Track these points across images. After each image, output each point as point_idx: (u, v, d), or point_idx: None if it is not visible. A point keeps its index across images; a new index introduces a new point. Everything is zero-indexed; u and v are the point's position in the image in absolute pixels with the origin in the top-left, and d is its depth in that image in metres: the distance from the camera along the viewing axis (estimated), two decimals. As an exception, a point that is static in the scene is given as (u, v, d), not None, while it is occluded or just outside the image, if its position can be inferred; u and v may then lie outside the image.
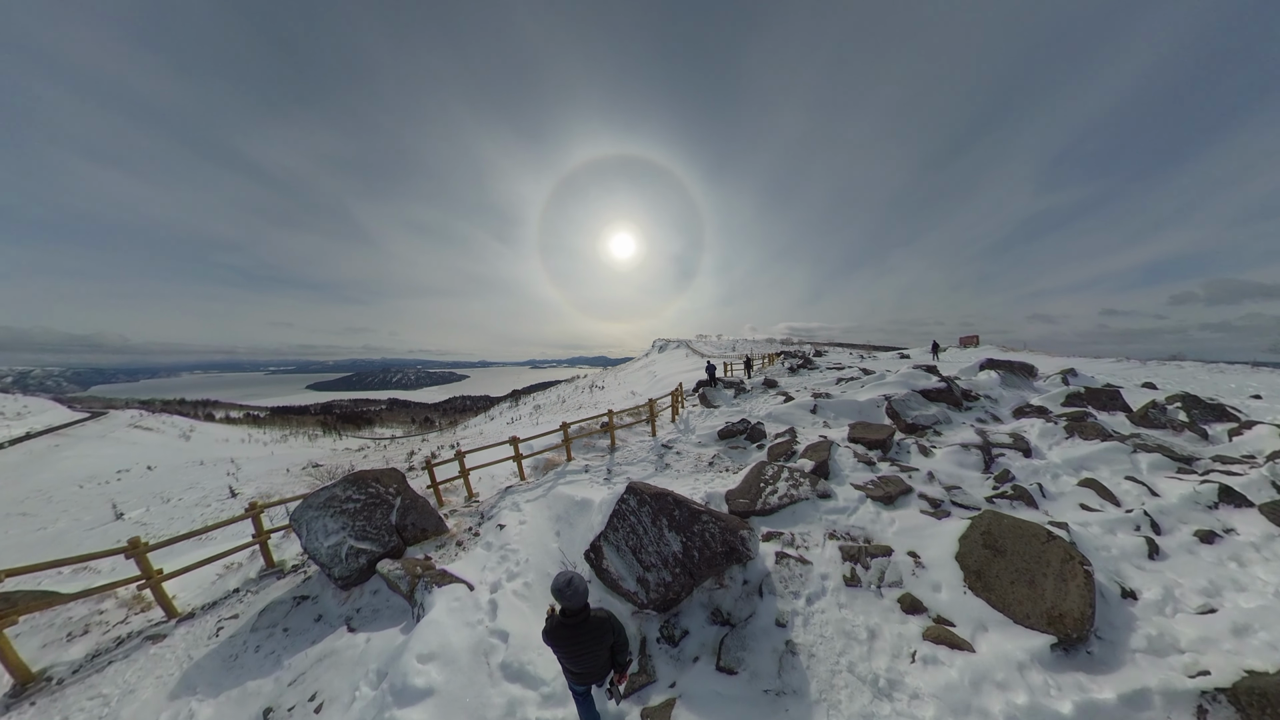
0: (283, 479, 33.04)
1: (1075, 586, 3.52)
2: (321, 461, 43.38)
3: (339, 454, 52.99)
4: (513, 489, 8.40)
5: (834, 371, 17.54)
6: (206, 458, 44.89)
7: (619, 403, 51.57)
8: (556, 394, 78.18)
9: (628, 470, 8.86)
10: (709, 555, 4.45)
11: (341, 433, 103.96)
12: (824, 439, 8.10)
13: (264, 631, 5.71)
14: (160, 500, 27.13)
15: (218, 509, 25.56)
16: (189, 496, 28.26)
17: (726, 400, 13.87)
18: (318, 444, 77.95)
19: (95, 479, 32.75)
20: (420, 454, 41.37)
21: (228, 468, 38.32)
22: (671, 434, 10.89)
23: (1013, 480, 6.11)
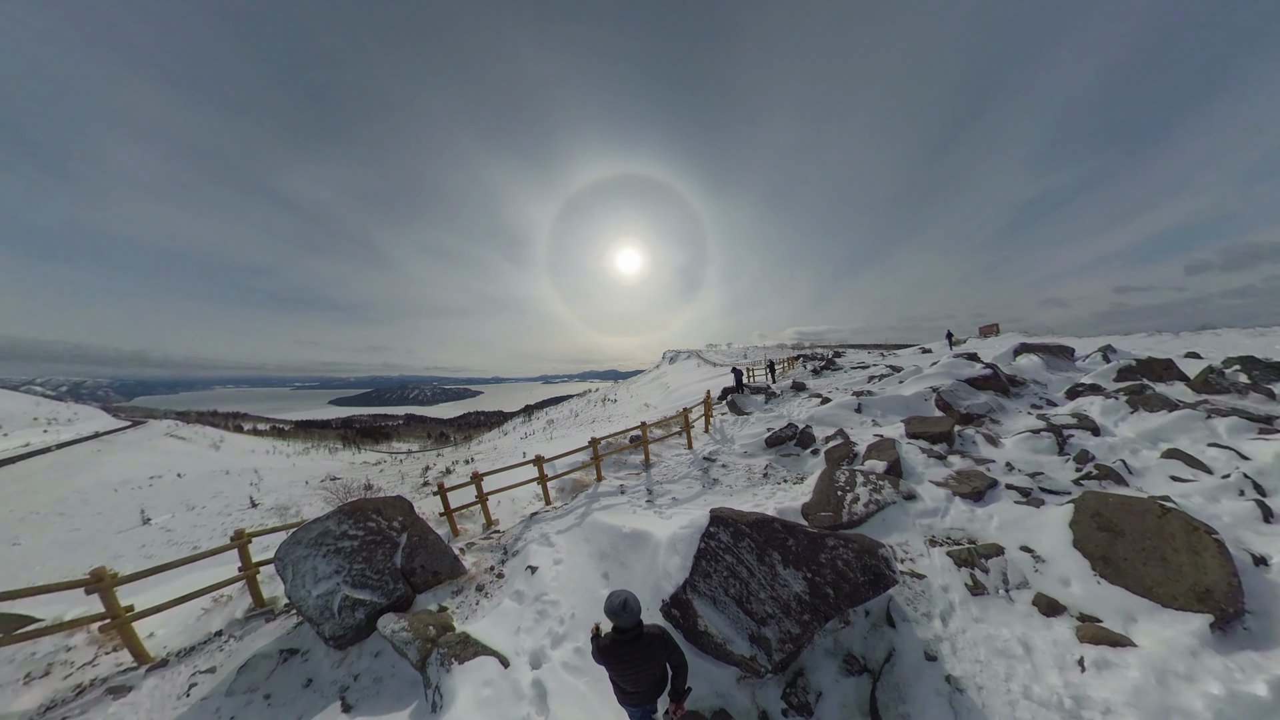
0: (301, 491, 32.27)
1: (1210, 558, 3.23)
2: (339, 475, 42.62)
3: (356, 467, 52.34)
4: (539, 516, 7.12)
5: (860, 371, 16.93)
6: (233, 468, 44.90)
7: (633, 415, 50.18)
8: (569, 408, 77.03)
9: (670, 490, 7.56)
10: (848, 589, 3.40)
11: (360, 446, 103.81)
12: (882, 437, 7.49)
13: (241, 697, 4.47)
14: (186, 507, 27.07)
15: (238, 518, 24.89)
16: (213, 505, 28.08)
17: (758, 406, 12.79)
18: (337, 457, 77.69)
19: (130, 484, 33.05)
20: (435, 468, 40.46)
21: (251, 478, 38.01)
22: (709, 445, 9.64)
23: (1093, 460, 5.77)
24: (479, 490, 6.96)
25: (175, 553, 19.76)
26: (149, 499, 28.83)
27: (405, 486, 32.95)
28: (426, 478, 35.42)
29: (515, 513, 7.68)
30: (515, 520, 7.30)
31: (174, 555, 19.40)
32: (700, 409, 13.27)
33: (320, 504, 24.65)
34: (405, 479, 36.54)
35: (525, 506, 7.92)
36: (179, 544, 20.91)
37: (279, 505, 27.28)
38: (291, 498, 30.34)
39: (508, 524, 7.22)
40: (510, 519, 7.45)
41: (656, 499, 7.22)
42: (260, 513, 25.93)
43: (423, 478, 35.30)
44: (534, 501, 8.08)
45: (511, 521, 7.29)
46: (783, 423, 9.64)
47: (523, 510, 7.73)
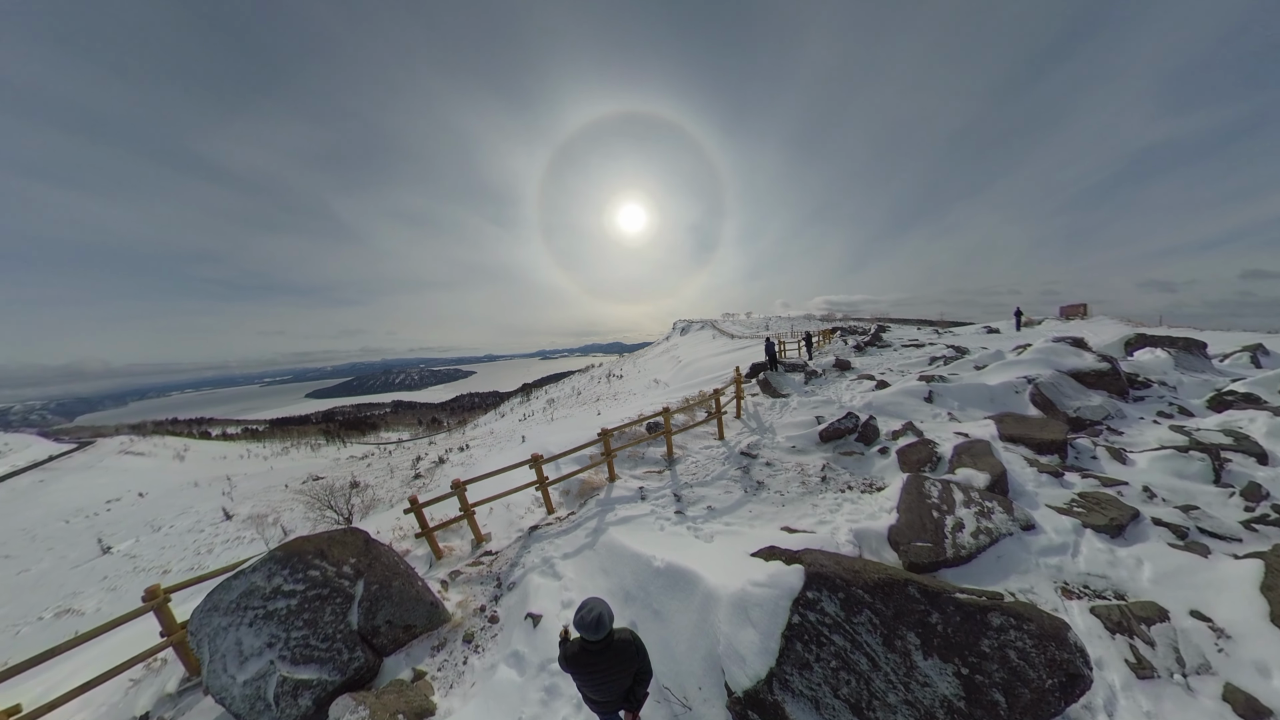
0: (280, 496, 32.84)
1: None
2: (322, 474, 43.48)
3: (341, 464, 53.51)
4: (539, 531, 6.39)
5: (913, 350, 16.30)
6: (202, 478, 45.85)
7: (641, 392, 49.85)
8: (571, 385, 77.00)
9: (704, 495, 6.76)
10: (1029, 697, 2.62)
11: (345, 440, 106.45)
12: (968, 438, 6.80)
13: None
14: (151, 529, 27.47)
15: (211, 534, 25.34)
16: (181, 522, 28.50)
17: (796, 387, 11.98)
18: (321, 454, 79.74)
19: (83, 512, 33.56)
20: (428, 458, 40.97)
21: (223, 487, 38.69)
22: (745, 436, 8.85)
23: (1269, 498, 5.27)
24: (464, 503, 6.20)
25: (143, 580, 20.07)
26: (107, 525, 29.42)
27: (395, 480, 33.37)
28: (418, 469, 35.81)
29: (510, 523, 6.98)
30: (511, 534, 6.60)
31: (141, 583, 19.73)
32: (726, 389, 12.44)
33: (302, 510, 24.83)
34: (395, 472, 37.09)
35: (523, 514, 7.21)
36: (146, 570, 21.30)
37: (256, 515, 27.69)
38: (270, 504, 30.87)
39: (501, 539, 6.52)
40: (504, 531, 6.75)
41: (688, 508, 6.42)
42: (236, 525, 26.38)
43: (414, 469, 35.71)
44: (533, 508, 7.37)
45: (506, 536, 6.59)
46: (835, 410, 8.99)
47: (519, 520, 7.02)
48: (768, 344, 14.08)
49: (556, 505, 7.28)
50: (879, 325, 29.36)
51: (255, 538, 24.11)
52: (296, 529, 25.18)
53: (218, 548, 23.44)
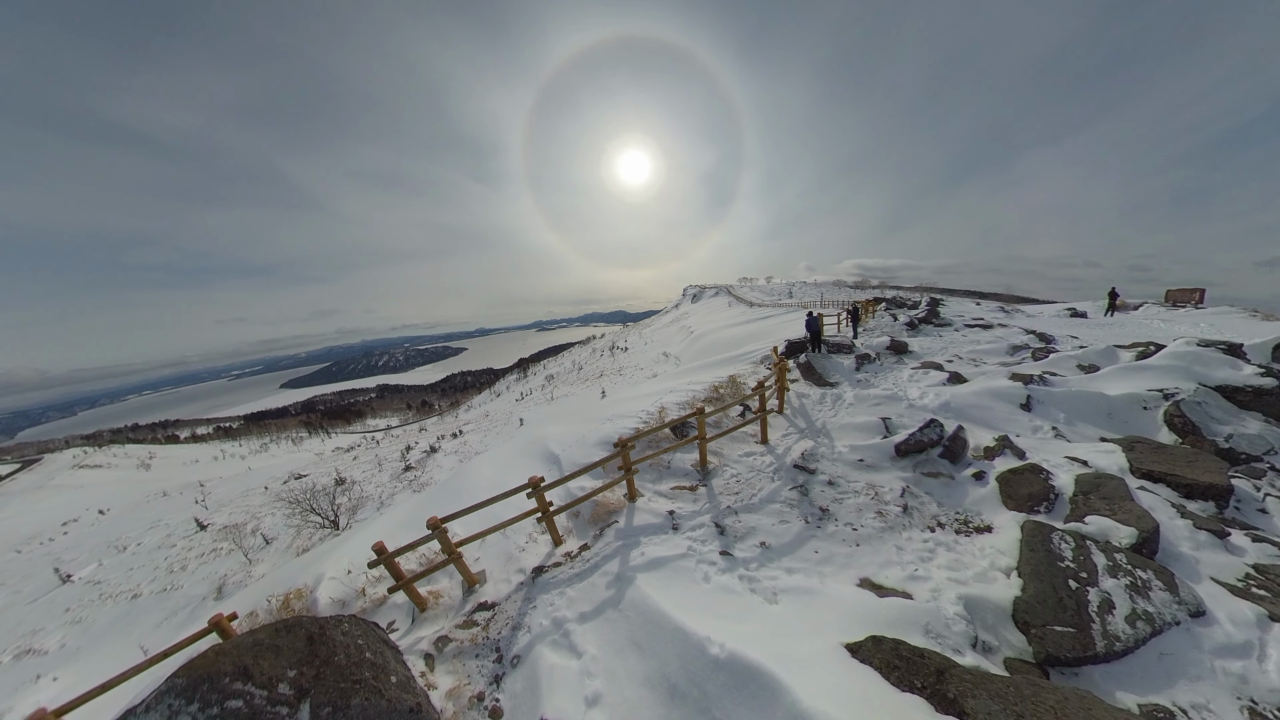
0: (260, 500, 33.00)
1: None
2: (305, 471, 43.78)
3: (326, 458, 54.00)
4: (546, 575, 5.55)
5: (980, 331, 15.34)
6: (171, 486, 46.06)
7: (649, 365, 49.09)
8: (571, 359, 76.60)
9: (754, 526, 5.90)
10: None
11: (330, 430, 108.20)
12: (1088, 466, 5.91)
13: None
14: (116, 549, 27.37)
15: (184, 549, 25.41)
16: (150, 538, 28.47)
17: (846, 375, 11.03)
18: (304, 448, 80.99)
19: (36, 538, 33.31)
20: (419, 447, 40.93)
21: (195, 494, 38.99)
22: (791, 438, 8.00)
23: None
24: (447, 545, 5.34)
25: (110, 609, 20.03)
26: (66, 551, 29.20)
27: (384, 474, 33.29)
28: (408, 459, 35.72)
29: (508, 556, 6.17)
30: (509, 573, 5.80)
31: (109, 612, 19.69)
32: (750, 370, 11.46)
33: (283, 515, 24.74)
34: (384, 464, 37.08)
35: (523, 545, 6.38)
36: (113, 596, 21.29)
37: (233, 524, 27.75)
38: (249, 510, 31.01)
39: (499, 580, 5.72)
40: (501, 568, 5.95)
41: (735, 544, 5.59)
42: (211, 536, 26.41)
43: (404, 460, 35.62)
44: (535, 536, 6.53)
45: (504, 575, 5.79)
46: (903, 409, 8.11)
47: (518, 554, 6.19)
48: (810, 319, 12.91)
49: (564, 532, 6.43)
50: (931, 297, 27.70)
51: (233, 548, 24.10)
52: (278, 536, 25.18)
53: (192, 563, 23.52)
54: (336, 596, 5.84)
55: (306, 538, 23.37)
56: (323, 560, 7.57)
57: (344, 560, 7.29)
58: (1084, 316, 20.70)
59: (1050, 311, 23.61)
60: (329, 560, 7.36)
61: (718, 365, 16.09)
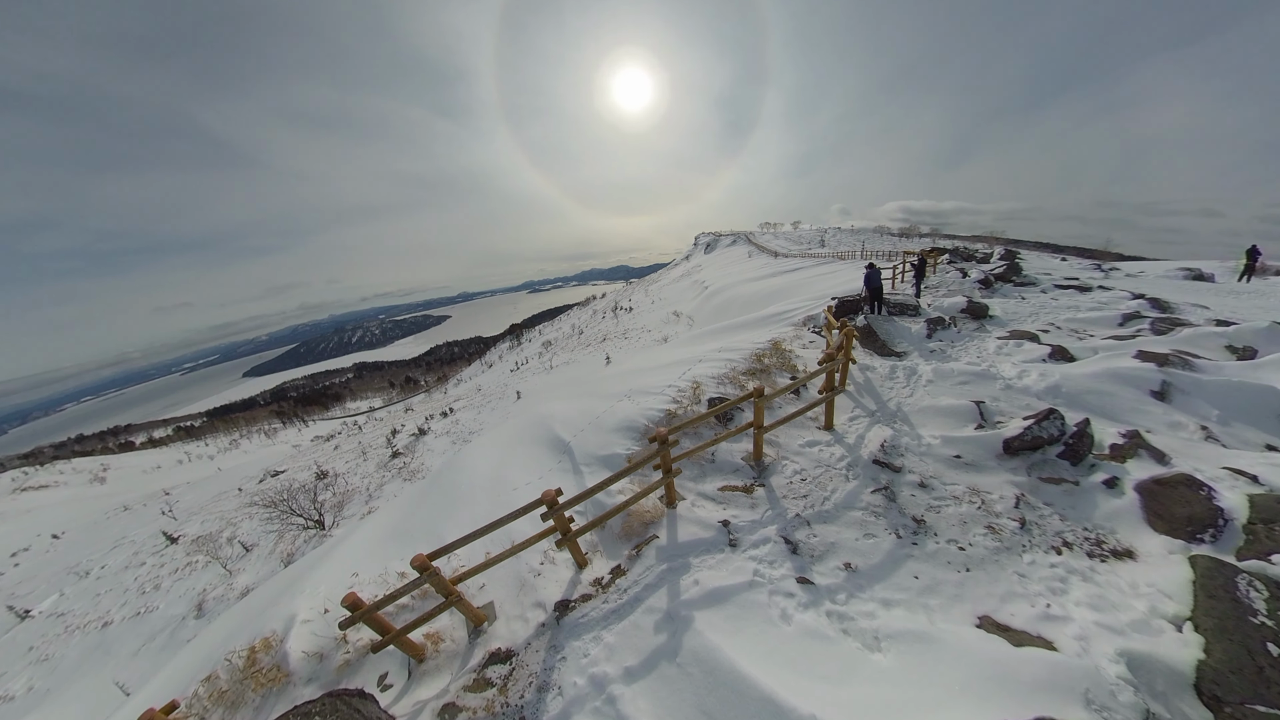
0: (234, 503, 33.40)
1: None
2: (282, 466, 44.27)
3: (304, 450, 54.69)
4: (573, 614, 4.90)
5: (1075, 294, 13.84)
6: (132, 499, 46.34)
7: (656, 328, 48.00)
8: (569, 323, 75.80)
9: (834, 543, 5.24)
10: None
11: (306, 418, 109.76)
12: (1258, 482, 5.16)
13: None
14: (76, 576, 27.61)
15: (154, 566, 25.76)
16: (115, 559, 28.78)
17: (915, 343, 10.32)
18: (279, 440, 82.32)
19: None
20: (406, 430, 41.03)
21: (161, 505, 39.46)
22: (860, 422, 7.29)
23: None
24: (442, 587, 4.66)
25: (80, 641, 20.22)
26: (19, 584, 29.22)
27: (370, 464, 33.41)
28: (395, 445, 35.77)
29: (520, 583, 5.55)
30: (524, 607, 5.18)
31: (79, 644, 19.86)
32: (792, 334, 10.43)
33: (262, 518, 24.84)
34: (369, 453, 37.25)
35: (538, 570, 5.74)
36: (81, 626, 21.50)
37: (207, 533, 28.07)
38: (223, 516, 31.37)
39: (512, 617, 5.11)
40: (513, 600, 5.34)
41: (812, 568, 4.93)
42: (184, 549, 26.73)
43: (390, 446, 35.70)
44: (552, 556, 5.87)
45: (517, 610, 5.18)
46: (999, 390, 7.30)
47: (533, 581, 5.55)
48: (871, 272, 12.06)
49: (589, 549, 5.75)
50: (1006, 249, 25.91)
51: (209, 560, 24.29)
52: (259, 543, 25.42)
53: (165, 581, 23.79)
54: (311, 649, 5.28)
55: (290, 541, 23.51)
56: (294, 592, 7.05)
57: (320, 591, 6.75)
58: (1209, 280, 18.71)
59: (1157, 272, 21.67)
60: (301, 593, 6.83)
61: (745, 328, 15.13)
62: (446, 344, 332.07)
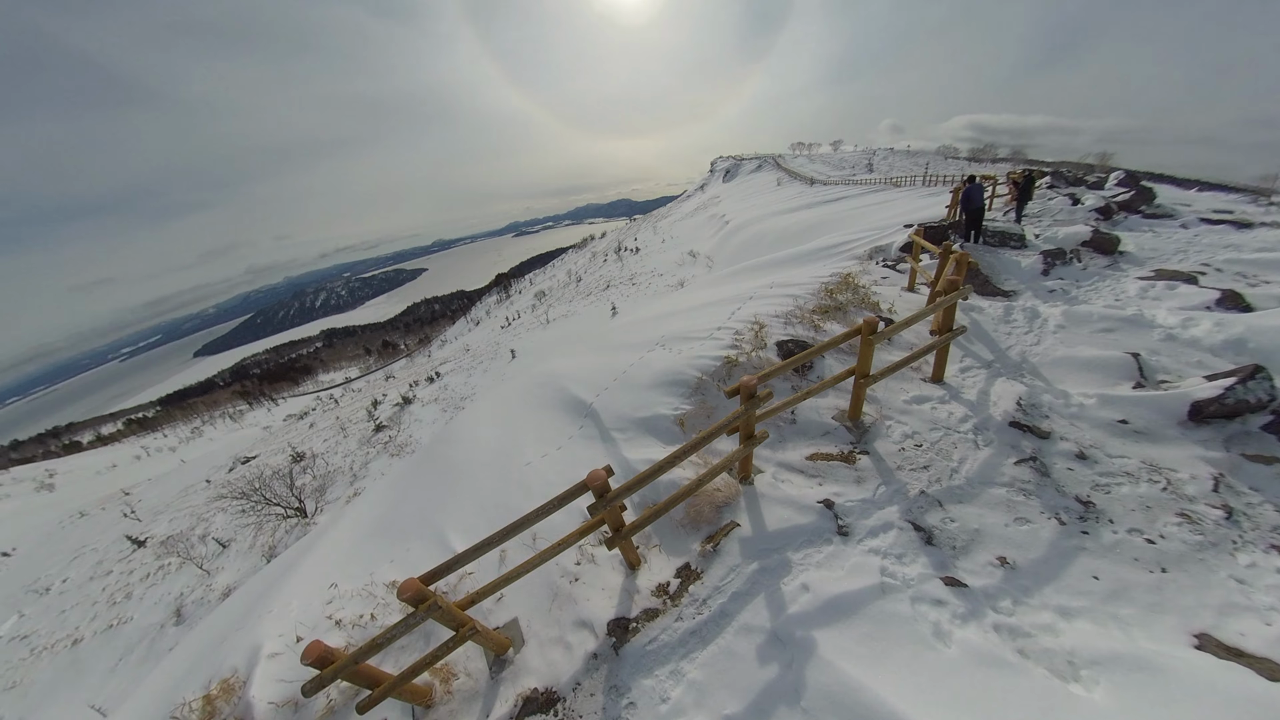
0: (203, 498, 33.69)
1: None
2: (253, 451, 44.65)
3: (276, 431, 55.23)
4: (635, 640, 4.11)
5: (1231, 230, 12.39)
6: (88, 504, 46.71)
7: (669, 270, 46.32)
8: (565, 269, 74.23)
9: (978, 527, 4.50)
10: None
11: (275, 396, 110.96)
12: None
13: None
14: (36, 594, 27.97)
15: (122, 573, 26.14)
16: (77, 571, 29.12)
17: (1026, 278, 9.86)
18: (247, 423, 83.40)
19: None
20: (389, 400, 40.89)
21: (122, 506, 40.09)
22: (977, 374, 6.41)
23: None
24: (452, 618, 3.87)
25: (49, 662, 20.50)
26: None
27: (351, 440, 33.42)
28: (378, 418, 35.68)
29: (553, 594, 4.79)
30: (564, 632, 4.43)
31: (47, 666, 20.11)
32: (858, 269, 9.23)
33: (234, 515, 24.85)
34: (348, 429, 37.32)
35: (575, 574, 4.95)
36: (49, 647, 21.89)
37: (177, 532, 28.33)
38: (193, 512, 31.65)
39: (547, 649, 4.36)
40: (545, 622, 4.59)
41: (956, 562, 4.17)
42: (152, 551, 27.04)
43: (373, 420, 35.66)
44: (591, 554, 5.06)
45: (553, 636, 4.43)
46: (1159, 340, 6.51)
47: (570, 590, 4.76)
48: (972, 189, 11.13)
49: (641, 545, 4.94)
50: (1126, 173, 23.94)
51: (183, 562, 24.51)
52: (235, 538, 25.59)
53: (137, 588, 24.08)
54: (282, 698, 4.60)
55: (270, 533, 23.57)
56: (260, 611, 6.42)
57: (291, 612, 6.09)
58: None
59: None
60: (269, 614, 6.17)
61: (789, 264, 13.93)
62: (425, 301, 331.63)
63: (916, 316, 5.48)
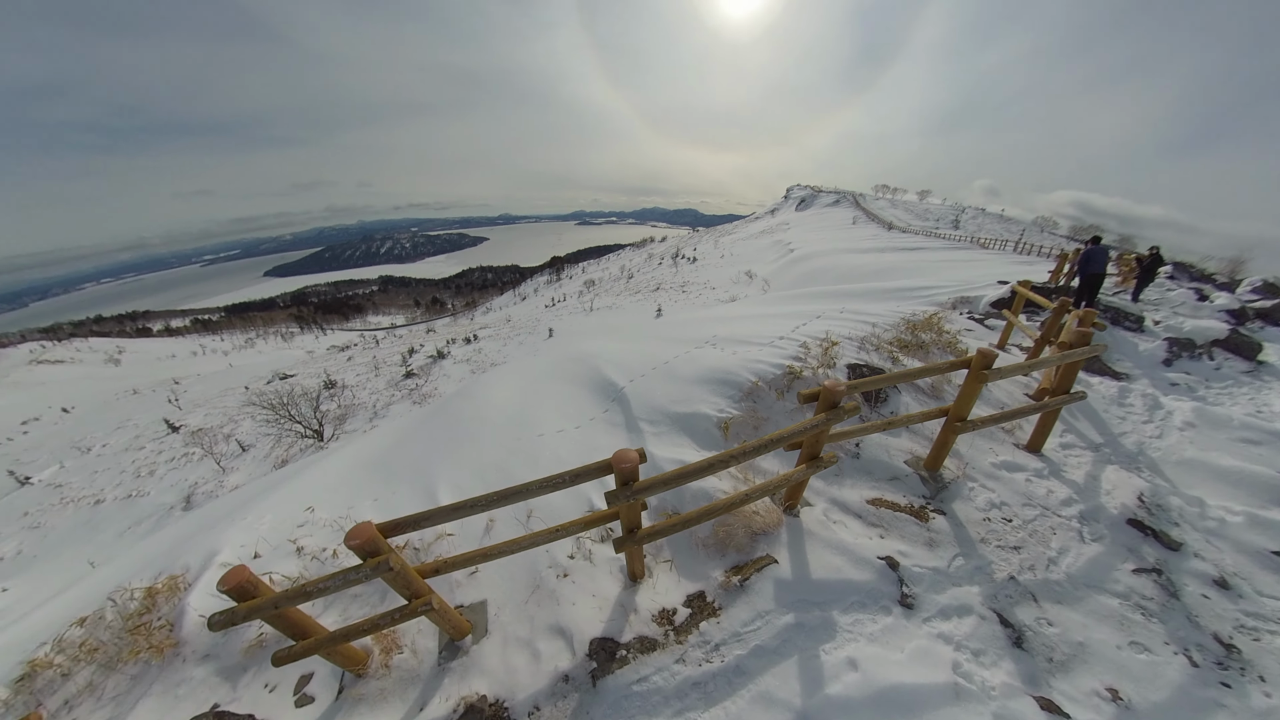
0: (238, 400, 34.28)
1: None
2: (293, 370, 45.48)
3: (318, 357, 56.38)
4: (620, 674, 3.19)
5: None
6: (143, 384, 49.96)
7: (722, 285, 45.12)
8: (619, 264, 73.80)
9: (1081, 640, 3.44)
10: None
11: (325, 326, 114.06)
12: None
13: None
14: (78, 451, 29.84)
15: (152, 451, 26.96)
16: (117, 439, 30.85)
17: (1145, 364, 8.41)
18: (295, 344, 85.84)
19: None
20: (424, 351, 41.12)
21: (169, 393, 41.53)
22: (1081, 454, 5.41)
23: None
24: (405, 586, 3.03)
25: (72, 513, 21.48)
26: (25, 452, 31.96)
27: (381, 380, 33.71)
28: (410, 365, 35.99)
29: (533, 583, 3.91)
30: (534, 633, 3.56)
31: (70, 517, 21.12)
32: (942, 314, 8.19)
33: (261, 423, 25.22)
34: (381, 369, 37.74)
35: (564, 571, 4.03)
36: (75, 500, 22.88)
37: (206, 426, 28.99)
38: (226, 413, 32.30)
39: (512, 651, 3.50)
40: (518, 621, 3.72)
41: (1052, 681, 3.12)
42: (182, 439, 27.77)
43: (405, 366, 35.97)
44: (585, 558, 4.14)
45: (522, 636, 3.58)
46: None
47: (554, 587, 3.86)
48: (1095, 250, 9.79)
49: (650, 556, 4.00)
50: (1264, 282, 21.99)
51: (205, 455, 25.15)
52: (255, 444, 25.89)
53: (160, 467, 24.96)
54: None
55: (286, 448, 23.82)
56: (234, 519, 5.78)
57: (263, 524, 5.42)
58: None
59: None
60: (242, 521, 5.56)
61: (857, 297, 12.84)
62: (480, 268, 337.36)
63: (1042, 361, 4.40)
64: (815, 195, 67.96)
